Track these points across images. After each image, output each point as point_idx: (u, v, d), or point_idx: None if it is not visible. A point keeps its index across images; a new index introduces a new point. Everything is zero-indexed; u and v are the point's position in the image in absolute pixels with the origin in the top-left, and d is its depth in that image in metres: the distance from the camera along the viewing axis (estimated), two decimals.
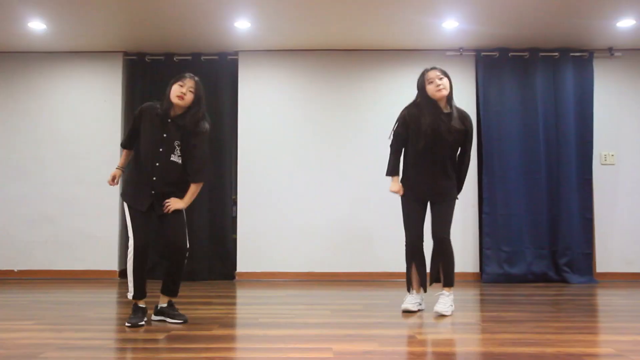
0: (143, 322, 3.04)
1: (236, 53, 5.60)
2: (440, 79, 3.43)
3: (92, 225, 5.46)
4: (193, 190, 3.17)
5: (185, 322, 3.09)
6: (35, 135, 5.58)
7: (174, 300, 3.20)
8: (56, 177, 5.53)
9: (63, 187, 5.51)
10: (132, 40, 5.33)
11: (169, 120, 3.11)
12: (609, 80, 5.55)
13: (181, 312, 3.19)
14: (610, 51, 5.48)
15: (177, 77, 3.16)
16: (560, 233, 5.30)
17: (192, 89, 3.12)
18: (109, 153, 5.52)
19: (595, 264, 5.41)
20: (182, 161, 3.14)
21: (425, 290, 3.54)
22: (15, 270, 5.46)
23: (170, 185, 3.13)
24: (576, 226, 5.30)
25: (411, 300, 3.48)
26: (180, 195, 3.15)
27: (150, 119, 3.14)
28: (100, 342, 2.69)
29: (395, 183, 3.55)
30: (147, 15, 4.73)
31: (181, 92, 3.07)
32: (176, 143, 3.12)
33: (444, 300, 3.39)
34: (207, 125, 3.20)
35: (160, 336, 2.75)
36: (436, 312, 3.33)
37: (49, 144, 5.57)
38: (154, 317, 3.17)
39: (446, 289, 3.44)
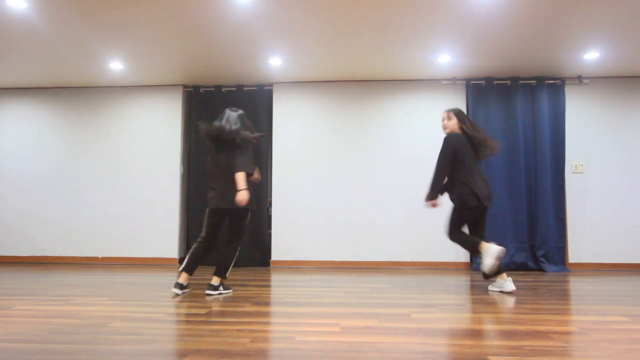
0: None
1: (271, 84, 5.63)
2: (443, 120, 3.70)
3: (158, 222, 5.55)
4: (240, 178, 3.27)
5: (231, 292, 3.45)
6: (115, 151, 5.72)
7: (220, 280, 3.42)
8: (131, 183, 5.65)
9: (136, 191, 5.63)
10: (189, 75, 5.42)
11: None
12: (578, 103, 5.38)
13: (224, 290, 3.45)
14: (579, 79, 5.31)
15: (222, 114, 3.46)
16: (538, 229, 5.14)
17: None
18: (171, 165, 5.63)
19: (567, 256, 5.22)
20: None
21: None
22: (100, 257, 5.58)
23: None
24: (551, 224, 5.13)
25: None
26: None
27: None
28: (157, 315, 2.70)
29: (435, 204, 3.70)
30: (201, 55, 4.80)
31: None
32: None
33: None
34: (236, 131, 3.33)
35: (203, 311, 2.75)
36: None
37: (126, 158, 5.70)
38: (211, 293, 3.36)
39: None
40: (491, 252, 3.42)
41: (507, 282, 3.55)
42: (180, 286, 3.39)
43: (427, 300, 3.23)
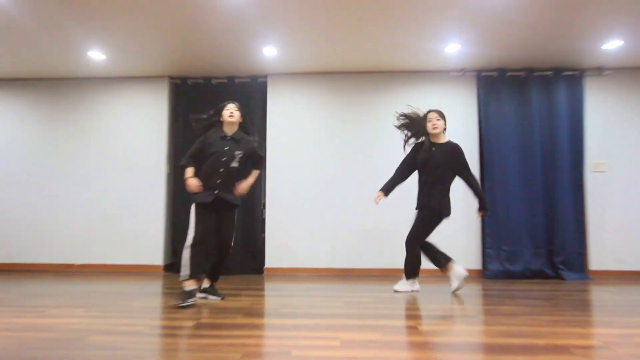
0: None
1: (265, 76, 5.60)
2: (437, 120, 3.88)
3: (141, 226, 5.52)
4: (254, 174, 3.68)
5: (222, 298, 3.57)
6: (94, 149, 5.68)
7: (211, 282, 3.66)
8: (112, 184, 5.61)
9: (118, 192, 5.59)
10: (176, 66, 5.39)
11: (228, 138, 3.57)
12: (599, 96, 5.37)
13: (213, 301, 3.52)
14: (600, 70, 5.31)
15: (221, 106, 3.64)
16: (555, 234, 5.13)
17: (236, 109, 3.62)
18: (156, 164, 5.60)
19: (588, 262, 5.20)
20: (239, 166, 3.55)
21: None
22: (76, 264, 5.55)
23: (232, 186, 3.56)
24: (570, 227, 5.12)
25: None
26: (234, 193, 3.57)
27: (212, 140, 3.57)
28: (139, 328, 2.67)
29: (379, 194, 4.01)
30: (189, 45, 4.77)
31: (230, 113, 3.58)
32: (237, 153, 3.53)
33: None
34: (255, 142, 3.70)
35: (190, 324, 2.72)
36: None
37: (106, 156, 5.66)
38: (198, 295, 3.55)
39: None
40: (459, 274, 3.87)
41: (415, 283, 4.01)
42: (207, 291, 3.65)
43: (436, 311, 3.21)
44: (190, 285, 3.31)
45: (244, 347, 2.22)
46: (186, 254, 3.32)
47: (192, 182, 3.48)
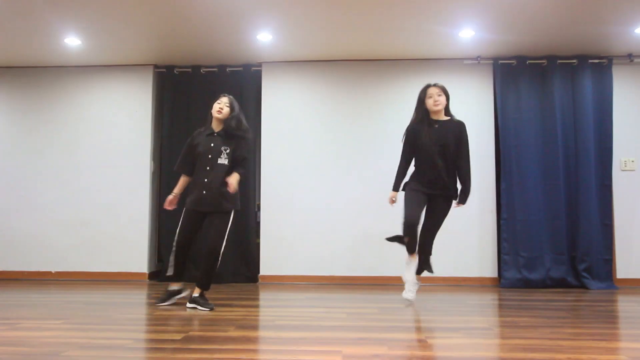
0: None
1: (260, 64, 5.62)
2: (439, 95, 3.79)
3: (124, 230, 5.54)
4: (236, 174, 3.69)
5: (211, 309, 3.55)
6: (71, 144, 5.70)
7: (200, 291, 3.68)
8: (91, 183, 5.63)
9: (97, 193, 5.61)
10: (161, 53, 5.41)
11: (215, 134, 3.70)
12: (628, 86, 5.39)
13: (203, 312, 3.51)
14: (629, 57, 5.32)
15: (214, 98, 3.77)
16: (579, 239, 5.14)
17: (227, 104, 3.70)
18: (140, 161, 5.62)
19: (615, 270, 5.23)
20: (228, 163, 3.66)
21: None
22: (53, 272, 5.58)
23: (220, 185, 3.62)
24: (595, 232, 5.13)
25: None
26: (226, 195, 3.64)
27: (199, 139, 3.73)
28: (122, 341, 2.70)
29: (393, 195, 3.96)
30: (175, 30, 4.79)
31: (219, 107, 3.68)
32: (223, 148, 3.65)
33: None
34: (246, 135, 3.77)
35: (178, 336, 2.75)
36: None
37: (84, 152, 5.68)
38: (188, 305, 3.65)
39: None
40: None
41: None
42: None
43: (447, 323, 3.23)
44: (173, 285, 3.78)
45: None
46: (172, 255, 3.74)
47: (168, 199, 3.81)
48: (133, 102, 5.71)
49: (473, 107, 5.39)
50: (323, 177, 5.46)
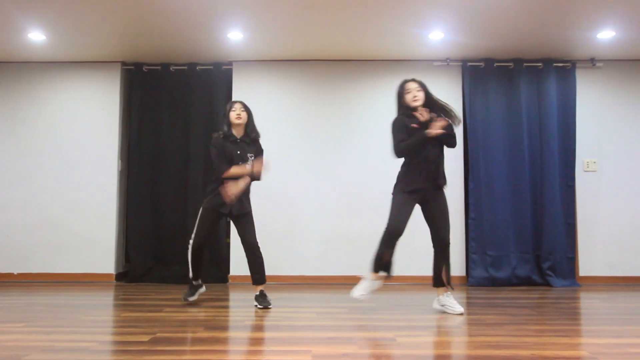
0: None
1: (230, 63, 5.58)
2: (418, 90, 3.64)
3: (90, 230, 5.43)
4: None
5: (266, 307, 3.68)
6: (35, 142, 5.55)
7: (259, 288, 3.81)
8: (56, 182, 5.49)
9: (63, 192, 5.48)
10: (129, 50, 5.32)
11: (239, 141, 3.80)
12: (591, 89, 5.54)
13: (171, 313, 3.48)
14: (592, 62, 5.47)
15: (228, 105, 3.86)
16: (543, 238, 5.27)
17: (243, 109, 3.82)
18: (107, 160, 5.52)
19: (578, 268, 5.37)
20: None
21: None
22: (15, 274, 5.42)
23: (246, 188, 3.83)
24: (559, 231, 5.26)
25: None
26: (249, 197, 3.91)
27: (223, 144, 3.76)
28: (86, 344, 2.64)
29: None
30: (144, 27, 4.71)
31: (236, 114, 3.78)
32: (250, 155, 3.79)
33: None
34: (260, 144, 3.96)
35: (145, 338, 2.70)
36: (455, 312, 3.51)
37: (49, 151, 5.54)
38: (254, 301, 3.78)
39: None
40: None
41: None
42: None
43: (415, 321, 3.27)
44: (196, 282, 3.95)
45: None
46: (189, 256, 3.84)
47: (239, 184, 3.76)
48: (100, 100, 5.59)
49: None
50: (293, 176, 5.45)
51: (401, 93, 3.71)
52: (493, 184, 5.31)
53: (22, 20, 4.56)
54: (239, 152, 3.78)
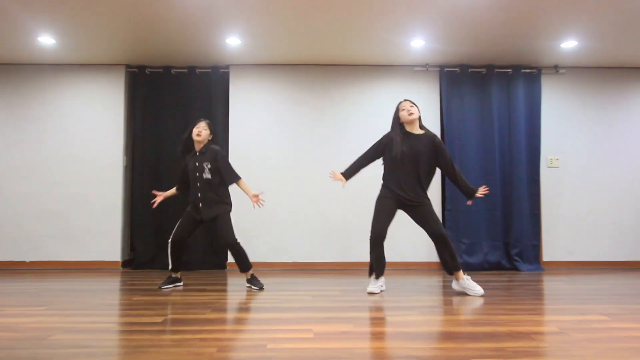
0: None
1: (228, 67, 5.58)
2: (412, 107, 3.70)
3: (98, 220, 5.40)
4: (242, 186, 3.97)
5: (261, 289, 3.86)
6: (44, 140, 5.50)
7: (248, 274, 3.94)
8: (64, 177, 5.45)
9: (70, 186, 5.44)
10: (133, 54, 5.28)
11: (197, 154, 3.91)
12: (554, 93, 5.68)
13: (178, 297, 3.53)
14: (555, 68, 5.60)
15: (193, 123, 3.96)
16: (512, 227, 5.40)
17: (205, 127, 3.91)
18: (113, 156, 5.49)
19: (542, 254, 5.52)
20: (212, 177, 3.86)
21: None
22: (27, 261, 5.37)
23: (212, 194, 3.87)
24: (526, 221, 5.41)
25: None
26: (220, 200, 3.89)
27: (187, 161, 3.97)
28: (105, 325, 2.66)
29: (338, 175, 3.88)
30: (147, 32, 4.69)
31: (197, 131, 3.88)
32: (205, 164, 3.85)
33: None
34: (217, 148, 3.95)
35: (159, 319, 2.73)
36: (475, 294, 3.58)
37: (57, 147, 5.49)
38: (246, 284, 3.96)
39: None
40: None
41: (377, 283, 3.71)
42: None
43: (402, 302, 3.35)
44: (174, 274, 4.03)
45: (218, 342, 2.26)
46: (168, 249, 3.95)
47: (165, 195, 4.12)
48: (105, 100, 5.54)
49: (422, 109, 5.47)
50: (287, 171, 5.49)
51: (397, 113, 3.75)
52: (468, 178, 5.35)
53: (33, 25, 4.51)
54: (197, 164, 3.89)
